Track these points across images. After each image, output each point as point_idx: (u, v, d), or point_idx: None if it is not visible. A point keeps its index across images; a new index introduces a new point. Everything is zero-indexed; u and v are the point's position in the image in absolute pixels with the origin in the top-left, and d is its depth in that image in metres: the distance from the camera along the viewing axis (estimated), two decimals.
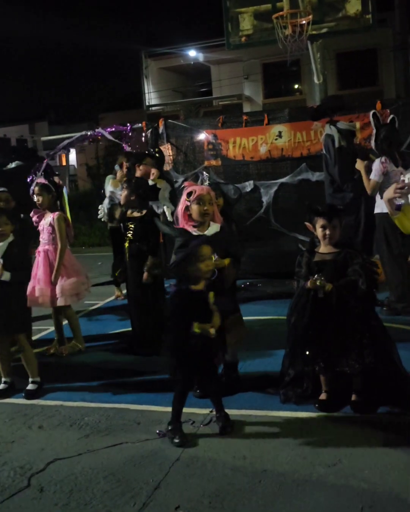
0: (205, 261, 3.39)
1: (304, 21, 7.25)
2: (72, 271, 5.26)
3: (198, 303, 3.38)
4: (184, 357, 3.42)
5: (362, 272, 3.46)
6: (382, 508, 2.60)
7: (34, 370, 4.37)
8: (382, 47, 18.91)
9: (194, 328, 3.28)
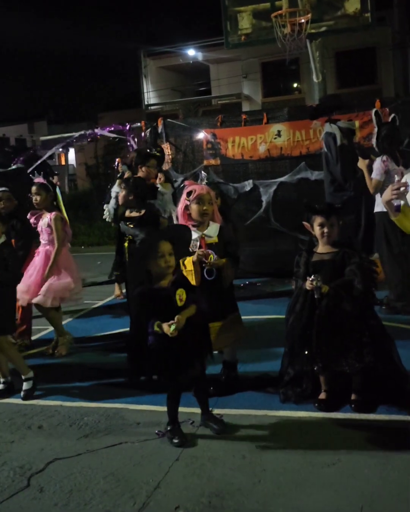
0: (164, 257, 3.30)
1: (302, 19, 7.25)
2: (65, 274, 5.23)
3: (163, 301, 3.29)
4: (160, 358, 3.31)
5: (358, 271, 3.45)
6: (382, 507, 2.60)
7: (23, 368, 4.34)
8: (381, 45, 18.94)
9: (154, 327, 3.23)
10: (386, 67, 19.58)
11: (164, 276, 3.34)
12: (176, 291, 3.28)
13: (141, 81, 23.59)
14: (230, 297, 4.01)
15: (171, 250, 3.33)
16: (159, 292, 3.31)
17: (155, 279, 3.36)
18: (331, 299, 3.46)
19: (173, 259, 3.36)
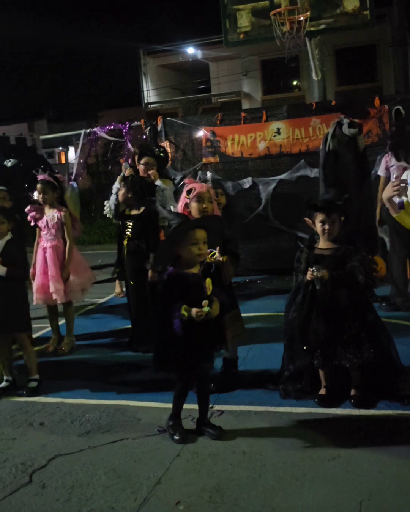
0: (198, 244, 3.21)
1: (301, 17, 7.25)
2: (80, 267, 5.35)
3: (190, 287, 3.19)
4: (180, 348, 3.23)
5: (361, 268, 3.48)
6: (381, 501, 2.62)
7: (34, 368, 4.40)
8: (381, 43, 18.92)
9: (181, 310, 3.10)
10: (386, 65, 19.58)
11: (193, 264, 3.27)
12: (205, 280, 3.21)
13: (141, 79, 23.59)
14: (230, 294, 4.02)
15: (205, 238, 3.25)
16: (189, 277, 3.22)
17: (184, 265, 3.27)
18: (330, 287, 3.49)
19: (206, 247, 3.28)
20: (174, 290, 3.20)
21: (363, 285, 3.49)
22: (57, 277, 5.15)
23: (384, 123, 7.12)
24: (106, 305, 7.24)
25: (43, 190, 5.18)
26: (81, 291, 5.40)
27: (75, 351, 5.35)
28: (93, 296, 7.30)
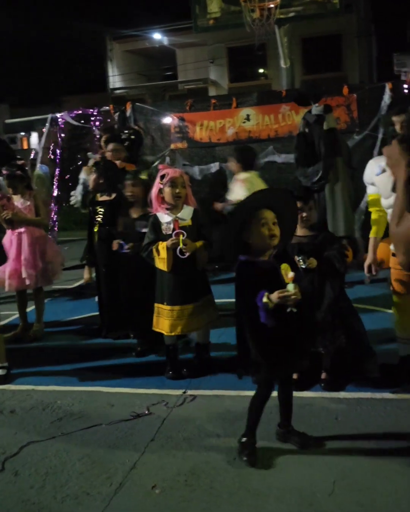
0: (267, 225, 2.77)
1: (272, 4, 7.24)
2: (51, 252, 5.31)
3: (266, 276, 2.77)
4: (268, 344, 2.78)
5: (339, 257, 3.53)
6: (354, 480, 2.68)
7: (2, 356, 4.33)
8: (346, 33, 19.07)
9: (264, 299, 2.67)
10: (351, 54, 19.76)
11: (265, 250, 2.84)
12: (280, 266, 2.78)
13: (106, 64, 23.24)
14: (203, 280, 4.04)
15: (275, 219, 2.81)
16: (262, 264, 2.81)
17: (255, 252, 2.84)
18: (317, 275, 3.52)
19: (278, 228, 2.82)
20: (248, 280, 2.79)
21: (342, 273, 3.55)
22: (31, 262, 5.10)
23: (352, 111, 7.21)
24: (74, 292, 7.17)
25: (12, 185, 5.16)
26: (53, 277, 5.34)
27: (44, 338, 5.30)
28: (62, 283, 7.20)
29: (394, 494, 2.56)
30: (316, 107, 5.75)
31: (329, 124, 5.75)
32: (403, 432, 3.10)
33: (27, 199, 5.20)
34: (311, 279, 3.59)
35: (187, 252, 3.78)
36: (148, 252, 3.90)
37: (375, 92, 7.14)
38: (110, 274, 4.93)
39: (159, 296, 3.99)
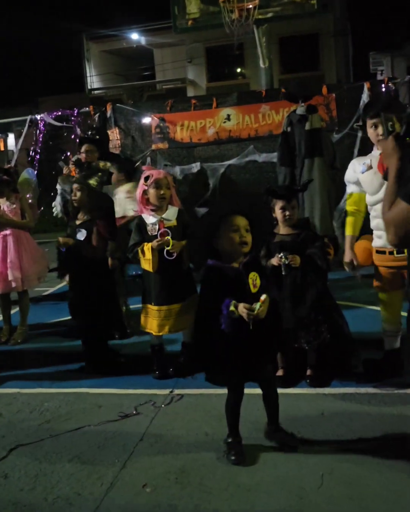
0: (239, 231, 2.73)
1: (250, 5, 7.29)
2: (37, 255, 5.34)
3: (232, 283, 2.73)
4: (227, 353, 2.74)
5: (321, 254, 3.59)
6: (342, 473, 2.73)
7: None
8: (323, 32, 19.20)
9: (231, 307, 2.65)
10: (328, 54, 19.90)
11: (236, 256, 2.80)
12: (249, 275, 2.75)
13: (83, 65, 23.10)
14: (189, 279, 4.07)
15: (247, 225, 2.77)
16: (228, 271, 2.76)
17: (225, 258, 2.80)
18: (300, 273, 3.57)
19: (250, 236, 2.77)
20: (214, 285, 2.74)
21: (324, 270, 3.60)
22: (17, 265, 5.10)
23: (331, 110, 7.30)
24: (57, 294, 7.14)
25: None
26: (38, 280, 5.34)
27: (28, 340, 5.28)
28: (43, 285, 7.17)
29: (381, 485, 2.62)
30: (300, 107, 5.82)
31: (314, 125, 5.81)
32: (387, 425, 3.16)
33: (13, 202, 5.24)
34: (294, 276, 3.64)
35: (175, 251, 3.80)
36: (134, 254, 3.92)
37: (354, 91, 7.25)
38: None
39: (147, 297, 4.01)
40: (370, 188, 3.58)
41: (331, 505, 2.52)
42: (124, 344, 4.90)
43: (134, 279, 6.45)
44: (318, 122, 5.93)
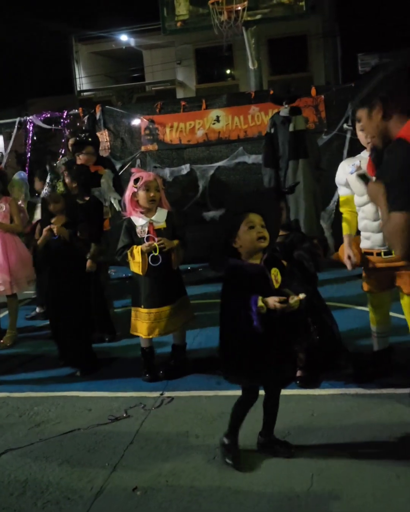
0: (255, 227, 2.74)
1: (239, 7, 7.31)
2: (26, 259, 5.28)
3: (256, 280, 2.74)
4: (254, 350, 2.73)
5: (308, 256, 3.59)
6: (332, 474, 2.74)
7: None
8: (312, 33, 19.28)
9: (259, 303, 2.61)
10: (316, 55, 20.00)
11: (255, 253, 2.79)
12: (270, 271, 2.77)
13: (73, 66, 23.05)
14: (178, 281, 4.07)
15: (262, 221, 2.78)
16: (251, 268, 2.77)
17: (244, 256, 2.80)
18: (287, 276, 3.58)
19: (266, 231, 2.78)
20: (238, 283, 2.72)
21: (313, 271, 3.61)
22: (5, 268, 5.09)
23: (320, 111, 7.33)
24: None
25: None
26: (27, 283, 5.32)
27: (17, 344, 5.26)
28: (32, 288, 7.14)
29: (371, 485, 2.63)
30: (284, 109, 5.84)
31: (298, 126, 5.84)
32: (376, 425, 3.18)
33: (2, 205, 5.20)
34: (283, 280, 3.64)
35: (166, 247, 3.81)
36: (123, 256, 3.92)
37: (342, 93, 7.28)
38: None
39: (136, 300, 4.00)
40: (359, 189, 3.60)
41: (321, 505, 2.53)
42: (114, 347, 4.90)
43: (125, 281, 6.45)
44: (302, 123, 5.96)
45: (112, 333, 5.02)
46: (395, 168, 2.01)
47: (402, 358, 3.88)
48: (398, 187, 1.99)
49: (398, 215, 1.97)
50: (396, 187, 2.00)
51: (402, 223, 1.95)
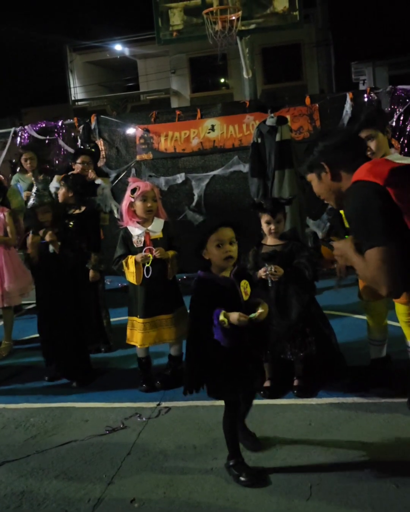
0: (223, 246, 2.76)
1: (233, 17, 7.34)
2: (19, 271, 5.27)
3: (225, 293, 2.77)
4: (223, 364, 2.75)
5: (308, 264, 3.60)
6: (330, 484, 2.72)
7: None
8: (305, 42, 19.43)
9: (220, 317, 2.65)
10: (310, 64, 20.15)
11: (224, 268, 2.82)
12: (240, 283, 2.80)
13: (67, 76, 23.14)
14: (175, 291, 4.07)
15: (233, 237, 2.79)
16: (221, 281, 2.80)
17: (215, 269, 2.83)
18: (283, 284, 3.58)
19: (235, 248, 2.80)
20: (206, 296, 2.77)
21: (311, 281, 3.62)
22: None
23: (314, 120, 7.37)
24: None
25: None
26: (21, 296, 5.30)
27: (13, 355, 5.23)
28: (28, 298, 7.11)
29: (369, 496, 2.62)
30: (270, 118, 5.86)
31: (284, 136, 5.87)
32: (374, 435, 3.17)
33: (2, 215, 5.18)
34: (277, 287, 3.64)
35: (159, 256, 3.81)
36: (119, 266, 3.92)
37: (337, 101, 7.32)
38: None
39: (132, 309, 3.99)
40: None
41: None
42: (110, 357, 4.88)
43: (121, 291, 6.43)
44: (288, 133, 5.98)
45: (108, 343, 5.01)
46: (358, 210, 2.06)
47: (399, 367, 3.87)
48: (366, 227, 2.02)
49: (374, 252, 2.00)
50: (364, 227, 2.03)
51: (379, 258, 1.99)
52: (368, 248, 2.03)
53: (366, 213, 2.01)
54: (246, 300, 2.78)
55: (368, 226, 2.01)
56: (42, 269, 4.34)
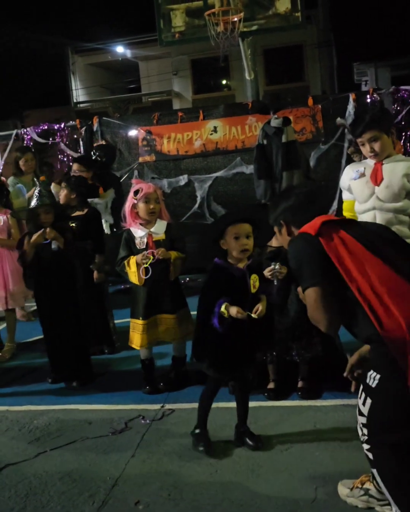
0: (239, 239, 2.98)
1: (235, 18, 7.34)
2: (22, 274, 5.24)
3: (235, 283, 3.01)
4: (217, 346, 3.04)
5: None
6: (335, 487, 2.71)
7: None
8: (307, 43, 19.43)
9: (222, 308, 2.92)
10: (312, 64, 20.15)
11: (240, 259, 3.06)
12: (251, 276, 3.04)
13: (69, 78, 23.18)
14: (178, 292, 4.06)
15: (250, 232, 3.02)
16: (234, 271, 3.03)
17: (231, 259, 3.06)
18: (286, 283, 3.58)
19: (251, 242, 3.02)
20: (217, 282, 3.03)
21: None
22: (1, 284, 5.08)
23: (317, 121, 7.35)
24: None
25: None
26: (24, 298, 5.30)
27: (16, 357, 5.22)
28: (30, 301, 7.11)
29: None
30: (275, 119, 5.84)
31: (288, 137, 5.86)
32: None
33: (1, 217, 5.16)
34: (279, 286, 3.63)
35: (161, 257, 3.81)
36: (121, 267, 3.92)
37: (339, 102, 7.31)
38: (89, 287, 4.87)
39: (135, 311, 3.99)
40: (360, 196, 3.60)
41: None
42: (114, 359, 4.87)
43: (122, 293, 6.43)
44: (292, 134, 5.96)
45: (112, 345, 5.00)
46: (294, 257, 2.35)
47: None
48: (302, 270, 2.29)
49: (310, 291, 2.23)
50: (299, 272, 2.30)
51: (314, 296, 2.22)
52: (304, 290, 2.28)
53: (300, 258, 2.31)
54: (253, 293, 3.03)
55: (302, 271, 2.29)
56: (43, 269, 4.32)
